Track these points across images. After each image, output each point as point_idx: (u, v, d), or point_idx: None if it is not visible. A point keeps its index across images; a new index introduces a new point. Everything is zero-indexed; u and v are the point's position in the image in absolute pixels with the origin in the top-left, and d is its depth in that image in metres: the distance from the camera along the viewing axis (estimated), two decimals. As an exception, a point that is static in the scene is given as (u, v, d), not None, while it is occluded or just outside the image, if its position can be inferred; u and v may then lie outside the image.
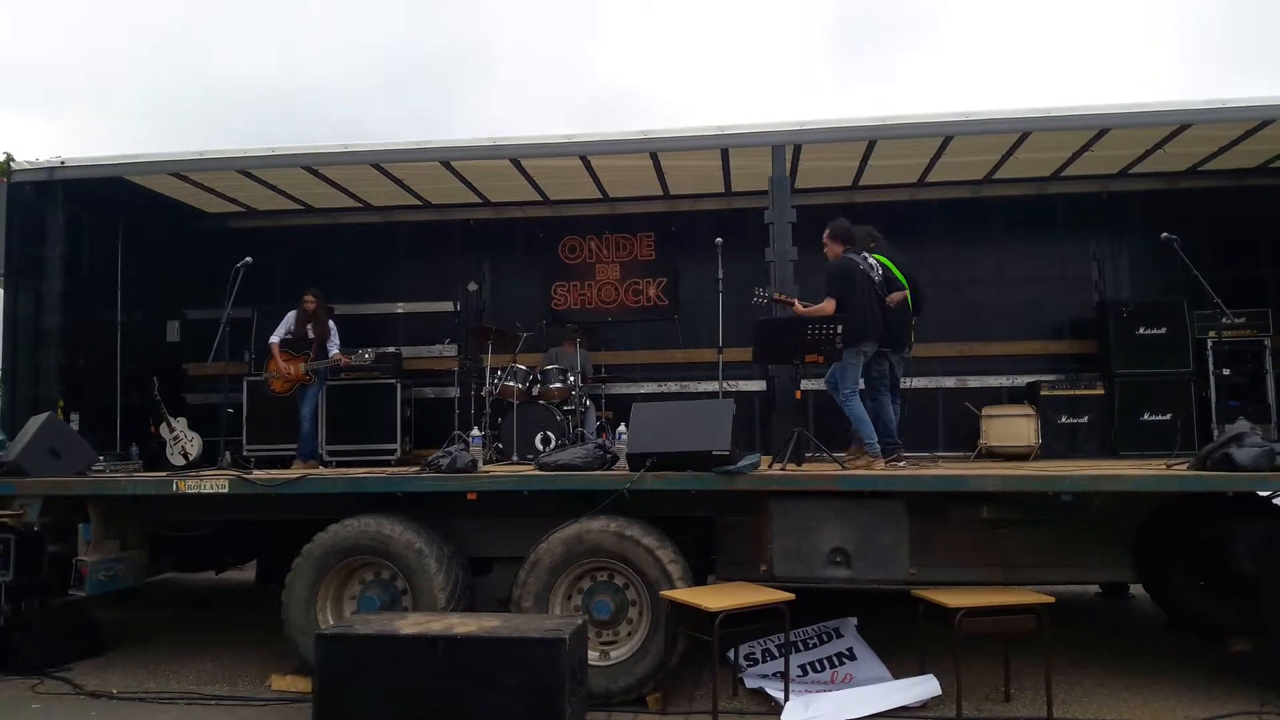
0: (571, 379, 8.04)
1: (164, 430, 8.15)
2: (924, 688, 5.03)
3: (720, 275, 7.11)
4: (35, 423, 6.28)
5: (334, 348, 8.08)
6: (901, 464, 6.23)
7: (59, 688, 5.67)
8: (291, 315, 8.10)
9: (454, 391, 8.96)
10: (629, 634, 5.35)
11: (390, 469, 7.30)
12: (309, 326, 8.07)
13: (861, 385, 6.35)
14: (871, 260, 6.49)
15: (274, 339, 8.02)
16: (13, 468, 5.95)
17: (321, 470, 7.46)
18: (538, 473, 5.70)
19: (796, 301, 6.24)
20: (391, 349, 8.88)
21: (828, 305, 6.08)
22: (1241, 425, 5.13)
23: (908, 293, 6.64)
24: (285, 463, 7.86)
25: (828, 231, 6.42)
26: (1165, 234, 6.41)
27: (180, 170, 7.91)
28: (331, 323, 8.21)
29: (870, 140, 7.39)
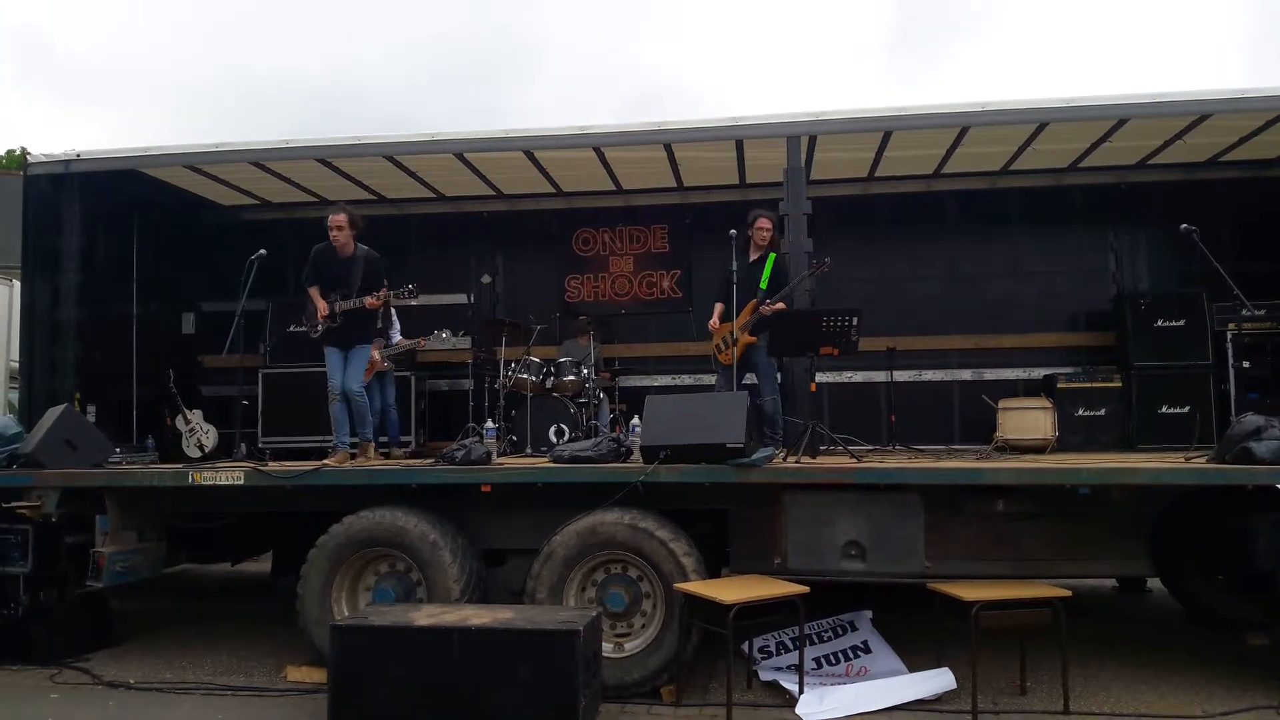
0: (585, 371, 8.03)
1: (179, 422, 8.18)
2: (939, 681, 5.01)
3: (734, 267, 7.07)
4: (52, 415, 6.32)
5: (397, 334, 8.08)
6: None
7: (77, 678, 5.73)
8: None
9: (468, 384, 8.95)
10: (643, 626, 5.36)
11: (405, 461, 7.31)
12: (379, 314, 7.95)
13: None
14: None
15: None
16: (30, 459, 6.01)
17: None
18: (552, 465, 5.72)
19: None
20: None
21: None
22: (1254, 419, 5.08)
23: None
24: (301, 454, 7.82)
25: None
26: (1185, 225, 6.32)
27: (194, 163, 7.90)
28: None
29: (886, 131, 7.32)
